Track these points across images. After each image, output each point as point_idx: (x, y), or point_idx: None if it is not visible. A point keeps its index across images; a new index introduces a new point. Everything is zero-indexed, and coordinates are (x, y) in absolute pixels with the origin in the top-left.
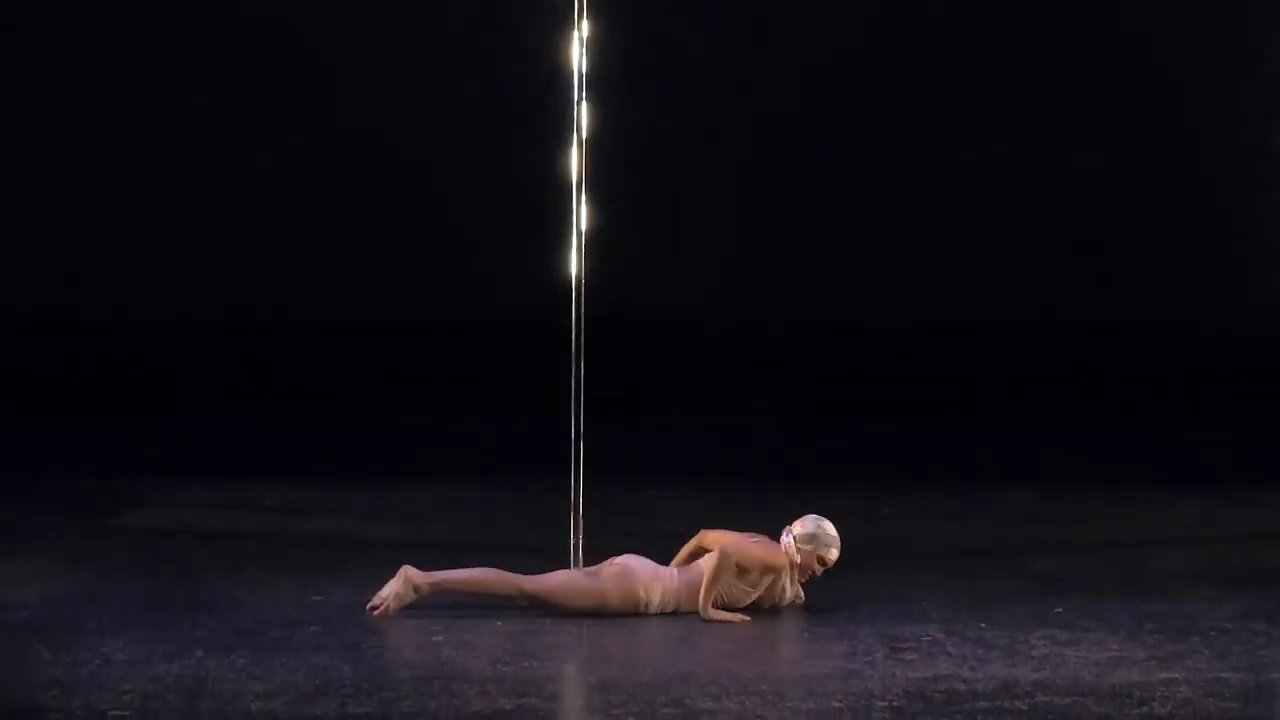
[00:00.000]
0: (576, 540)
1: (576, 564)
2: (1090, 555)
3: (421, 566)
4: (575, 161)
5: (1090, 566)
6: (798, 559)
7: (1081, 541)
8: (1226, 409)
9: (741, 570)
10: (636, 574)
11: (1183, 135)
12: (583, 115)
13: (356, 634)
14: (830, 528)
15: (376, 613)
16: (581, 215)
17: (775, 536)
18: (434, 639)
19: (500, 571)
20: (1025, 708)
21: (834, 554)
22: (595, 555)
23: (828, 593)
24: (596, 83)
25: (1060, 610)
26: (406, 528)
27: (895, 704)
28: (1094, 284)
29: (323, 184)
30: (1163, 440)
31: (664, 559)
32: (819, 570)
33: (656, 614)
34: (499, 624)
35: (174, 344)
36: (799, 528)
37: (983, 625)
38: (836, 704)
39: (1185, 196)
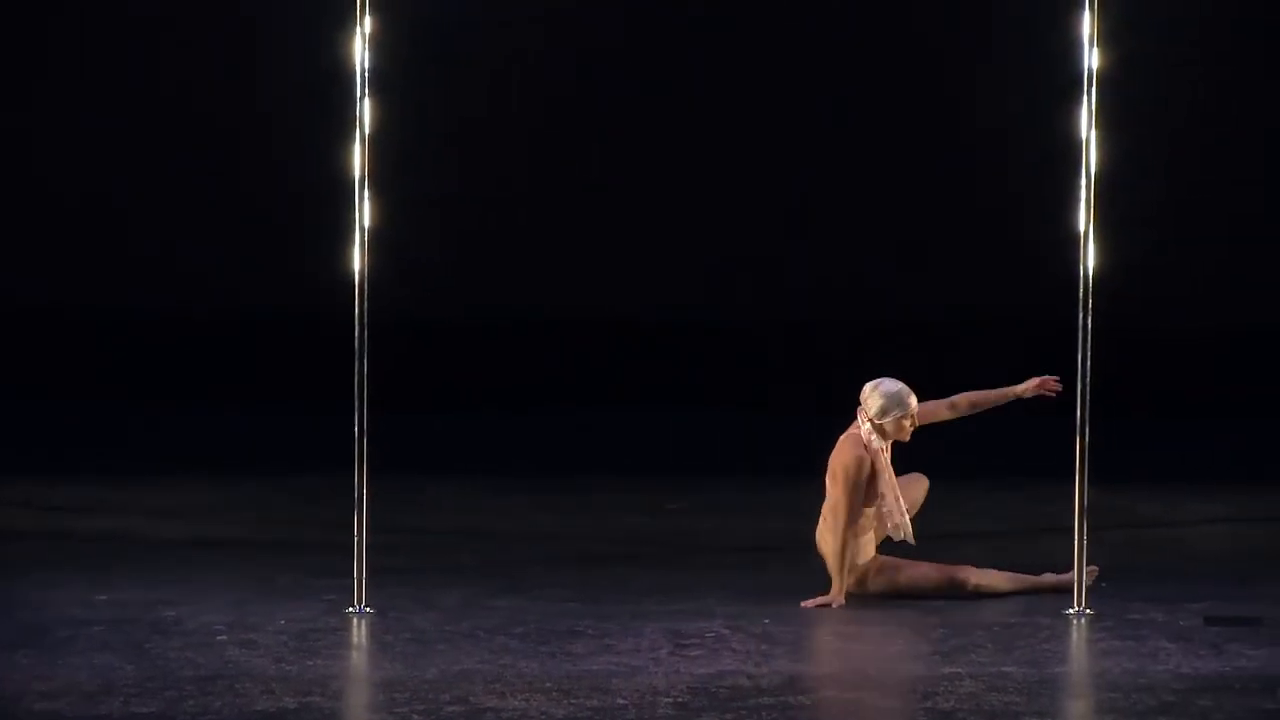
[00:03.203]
0: (360, 538)
1: (361, 561)
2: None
3: (211, 564)
4: (358, 158)
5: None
6: (887, 434)
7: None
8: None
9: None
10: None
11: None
12: (365, 112)
13: (141, 633)
14: (888, 386)
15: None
16: (364, 212)
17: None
18: (218, 638)
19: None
20: (810, 703)
21: (913, 401)
22: (381, 552)
23: (612, 587)
24: (379, 79)
25: (843, 604)
26: (193, 526)
27: (680, 700)
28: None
29: (126, 171)
30: (950, 434)
31: (461, 555)
32: (909, 426)
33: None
34: (283, 622)
35: None
36: (872, 404)
37: (767, 621)
38: (621, 700)
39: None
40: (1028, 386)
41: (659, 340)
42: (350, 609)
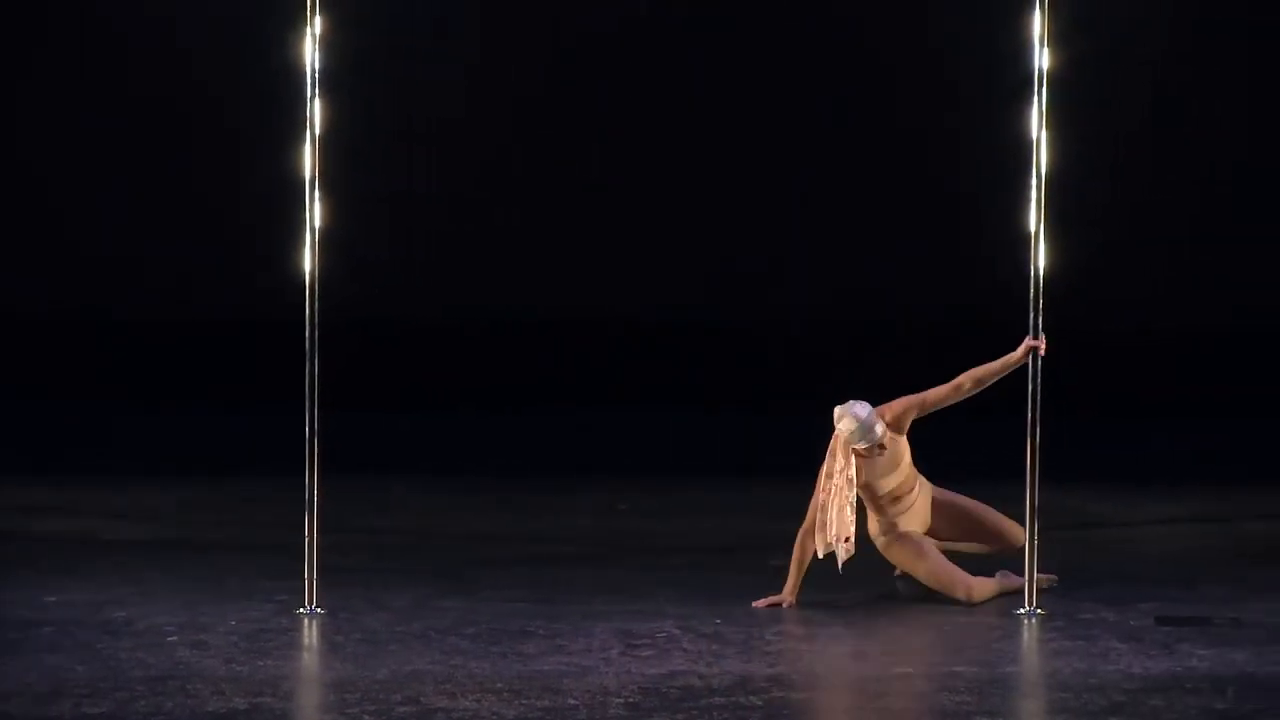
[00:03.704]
0: (311, 539)
1: (312, 562)
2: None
3: (162, 565)
4: (309, 158)
5: (826, 561)
6: (859, 454)
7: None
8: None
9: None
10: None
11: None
12: (316, 112)
13: (91, 634)
14: (854, 415)
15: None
16: (315, 212)
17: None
18: (169, 639)
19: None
20: (760, 703)
21: (879, 430)
22: (332, 553)
23: (564, 588)
24: (330, 79)
25: (794, 605)
26: (144, 527)
27: (631, 700)
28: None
29: (73, 172)
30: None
31: (415, 555)
32: (878, 452)
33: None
34: (234, 623)
35: None
36: (843, 430)
37: (718, 621)
38: (572, 701)
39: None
40: (1023, 351)
41: (647, 340)
42: (301, 609)
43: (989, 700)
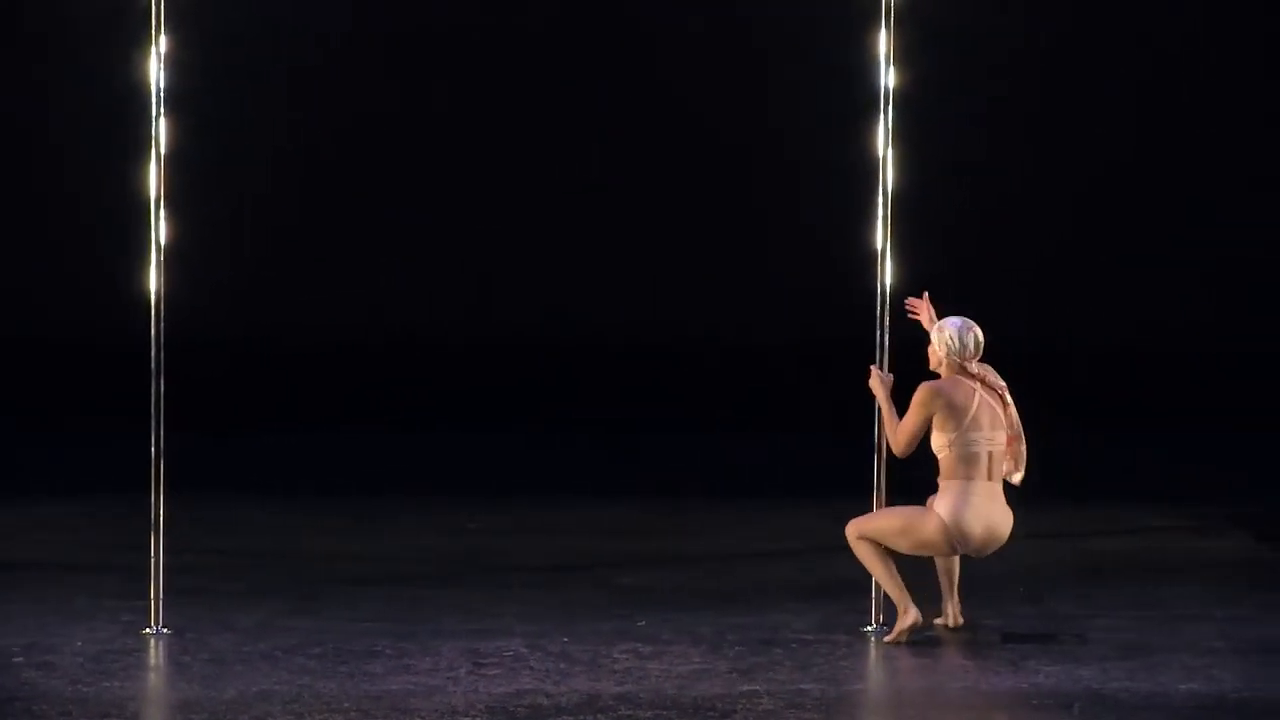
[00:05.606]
0: (157, 559)
1: (158, 582)
2: (677, 568)
3: (8, 586)
4: (154, 177)
5: (676, 579)
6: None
7: (670, 554)
8: (811, 419)
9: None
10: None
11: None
12: (161, 131)
13: None
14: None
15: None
16: (160, 231)
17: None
18: (14, 660)
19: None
20: None
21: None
22: (179, 573)
23: (413, 607)
24: (175, 98)
25: (643, 623)
26: None
27: (478, 719)
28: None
29: None
30: (750, 451)
31: (261, 575)
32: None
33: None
34: (80, 644)
35: None
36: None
37: (566, 639)
38: None
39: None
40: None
41: (494, 360)
42: (147, 630)
43: (836, 718)
